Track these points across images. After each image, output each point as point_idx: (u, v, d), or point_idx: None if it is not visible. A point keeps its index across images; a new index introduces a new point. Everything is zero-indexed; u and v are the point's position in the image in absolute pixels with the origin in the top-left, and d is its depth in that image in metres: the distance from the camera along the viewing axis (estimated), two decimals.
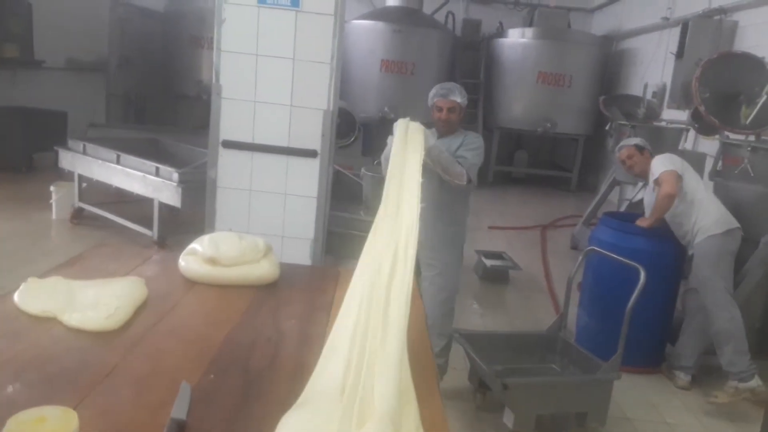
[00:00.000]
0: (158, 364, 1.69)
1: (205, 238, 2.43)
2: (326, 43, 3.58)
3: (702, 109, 4.26)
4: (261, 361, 1.77)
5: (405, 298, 1.83)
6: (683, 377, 3.80)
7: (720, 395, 3.56)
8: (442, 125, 3.32)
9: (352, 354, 1.73)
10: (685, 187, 3.74)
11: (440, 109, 3.29)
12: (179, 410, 1.42)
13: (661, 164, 3.79)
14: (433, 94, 3.31)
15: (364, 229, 2.64)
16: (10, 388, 1.48)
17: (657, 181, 3.74)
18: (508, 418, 3.00)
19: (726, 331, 3.56)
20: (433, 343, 3.00)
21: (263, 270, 2.39)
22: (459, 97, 3.29)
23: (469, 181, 3.23)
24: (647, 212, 3.90)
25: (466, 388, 3.42)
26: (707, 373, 3.91)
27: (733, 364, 3.54)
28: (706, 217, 3.67)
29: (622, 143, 4.17)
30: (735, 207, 3.78)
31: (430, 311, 3.08)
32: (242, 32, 3.58)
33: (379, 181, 4.27)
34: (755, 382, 3.51)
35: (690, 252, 3.77)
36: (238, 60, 3.61)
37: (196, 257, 2.36)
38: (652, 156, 3.94)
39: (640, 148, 4.00)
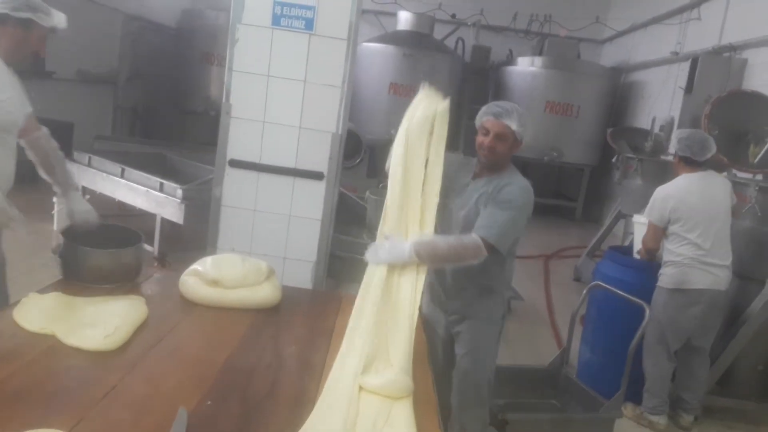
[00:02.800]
0: (156, 387, 1.66)
1: (208, 260, 2.41)
2: (338, 66, 3.58)
3: None
4: (260, 388, 1.74)
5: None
6: (686, 417, 3.74)
7: (628, 410, 3.71)
8: (485, 154, 2.47)
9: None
10: (674, 232, 3.54)
11: (486, 132, 2.46)
12: None
13: (650, 207, 3.62)
14: (483, 112, 2.51)
15: None
16: (6, 408, 1.45)
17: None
18: None
19: (647, 371, 3.67)
20: None
21: (265, 293, 2.37)
22: (516, 124, 2.43)
23: (494, 252, 2.37)
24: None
25: None
26: (709, 414, 3.85)
27: (646, 398, 3.69)
28: (667, 266, 3.55)
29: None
30: (742, 246, 3.75)
31: (454, 399, 2.64)
32: (255, 53, 3.59)
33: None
34: (659, 419, 3.66)
35: None
36: (249, 80, 3.61)
37: (198, 278, 2.34)
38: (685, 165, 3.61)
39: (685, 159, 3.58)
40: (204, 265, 2.38)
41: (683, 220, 3.51)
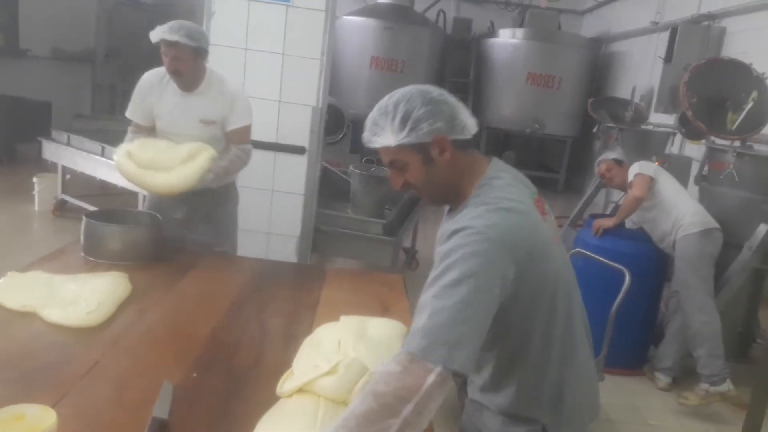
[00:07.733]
0: (140, 362, 1.67)
1: (145, 139, 2.76)
2: (317, 38, 3.55)
3: (689, 113, 4.27)
4: (245, 359, 1.75)
5: None
6: (663, 378, 3.82)
7: (690, 397, 3.58)
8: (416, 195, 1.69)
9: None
10: (660, 193, 3.77)
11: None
12: (161, 409, 1.40)
13: (637, 168, 3.85)
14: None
15: (351, 227, 2.62)
16: None
17: (630, 184, 3.80)
18: None
19: (701, 335, 3.58)
20: None
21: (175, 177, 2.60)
22: (392, 136, 1.37)
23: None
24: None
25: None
26: (689, 375, 3.93)
27: (706, 366, 3.57)
28: (683, 218, 3.69)
29: (600, 158, 4.18)
30: (719, 212, 3.79)
31: None
32: (232, 26, 3.55)
33: (369, 180, 4.27)
34: (726, 386, 3.53)
35: (673, 255, 3.79)
36: (226, 54, 3.57)
37: (123, 151, 2.66)
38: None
39: (618, 162, 4.04)
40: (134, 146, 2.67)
41: (665, 176, 3.85)
